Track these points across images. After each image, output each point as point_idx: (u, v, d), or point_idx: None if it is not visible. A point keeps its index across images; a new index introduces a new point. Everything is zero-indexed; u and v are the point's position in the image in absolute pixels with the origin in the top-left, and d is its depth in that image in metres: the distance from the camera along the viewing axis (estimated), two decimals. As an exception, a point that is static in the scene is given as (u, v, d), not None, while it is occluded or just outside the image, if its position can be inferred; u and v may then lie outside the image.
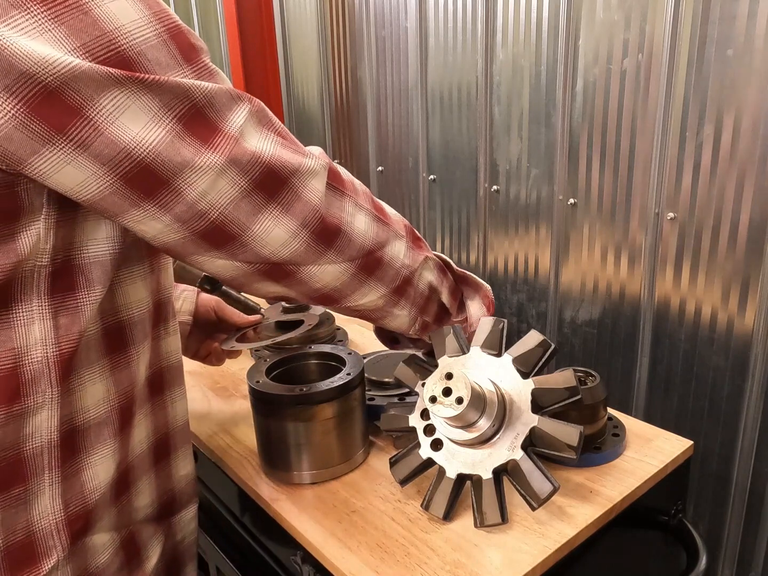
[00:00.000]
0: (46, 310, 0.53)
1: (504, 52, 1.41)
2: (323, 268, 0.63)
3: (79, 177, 0.48)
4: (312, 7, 1.88)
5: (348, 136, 1.90)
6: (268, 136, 0.56)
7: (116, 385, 0.61)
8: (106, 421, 0.60)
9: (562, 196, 1.39)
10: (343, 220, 0.62)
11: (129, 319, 0.61)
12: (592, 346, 1.43)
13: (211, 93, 0.51)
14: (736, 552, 1.34)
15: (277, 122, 0.58)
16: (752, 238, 1.13)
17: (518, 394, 0.73)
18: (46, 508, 0.56)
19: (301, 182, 0.57)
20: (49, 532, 0.57)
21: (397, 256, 0.69)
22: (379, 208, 0.69)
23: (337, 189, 0.62)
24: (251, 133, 0.54)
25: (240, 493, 0.86)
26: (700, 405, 1.27)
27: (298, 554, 0.76)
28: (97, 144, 0.47)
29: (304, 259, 0.61)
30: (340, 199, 0.62)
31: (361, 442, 0.85)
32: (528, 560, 0.68)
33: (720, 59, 1.09)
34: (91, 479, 0.59)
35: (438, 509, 0.74)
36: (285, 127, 0.60)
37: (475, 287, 0.83)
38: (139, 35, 0.48)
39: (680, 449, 0.85)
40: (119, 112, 0.47)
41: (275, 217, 0.57)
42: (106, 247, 0.56)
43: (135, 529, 0.67)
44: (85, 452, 0.59)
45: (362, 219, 0.65)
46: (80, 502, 0.58)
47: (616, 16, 1.21)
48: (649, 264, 1.29)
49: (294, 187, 0.57)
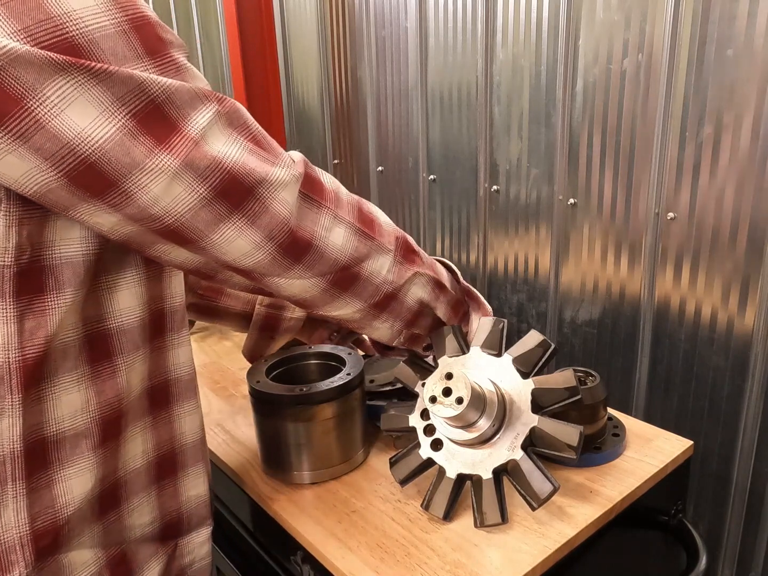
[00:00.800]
0: (10, 312, 0.50)
1: (504, 52, 1.41)
2: (290, 282, 0.60)
3: (21, 168, 0.45)
4: (312, 7, 1.88)
5: (348, 136, 1.90)
6: (237, 140, 0.52)
7: (98, 396, 0.57)
8: (84, 432, 0.56)
9: (562, 196, 1.39)
10: (316, 234, 0.59)
11: (117, 328, 0.57)
12: (592, 346, 1.43)
13: (171, 89, 0.47)
14: (736, 552, 1.34)
15: (253, 125, 0.55)
16: (752, 238, 1.13)
17: (518, 394, 0.73)
18: (9, 521, 0.53)
19: (269, 193, 0.53)
20: (11, 546, 0.53)
21: (378, 271, 0.65)
22: (365, 220, 0.64)
23: (314, 200, 0.59)
24: (216, 136, 0.50)
25: (240, 493, 0.86)
26: (700, 405, 1.27)
27: (298, 554, 0.76)
28: (38, 137, 0.44)
29: (269, 270, 0.58)
30: (315, 211, 0.59)
31: (361, 442, 0.85)
32: (528, 560, 0.68)
33: (720, 59, 1.09)
34: (63, 494, 0.56)
35: (438, 509, 0.74)
36: (262, 132, 0.56)
37: (478, 303, 0.81)
38: (93, 22, 0.44)
39: (680, 449, 0.85)
40: (65, 104, 0.44)
41: (239, 228, 0.53)
42: (79, 248, 0.52)
43: (128, 548, 0.64)
44: (58, 465, 0.55)
45: (340, 233, 0.61)
46: (50, 517, 0.55)
47: (616, 16, 1.21)
48: (649, 264, 1.29)
49: (261, 197, 0.53)
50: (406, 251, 0.69)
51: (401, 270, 0.68)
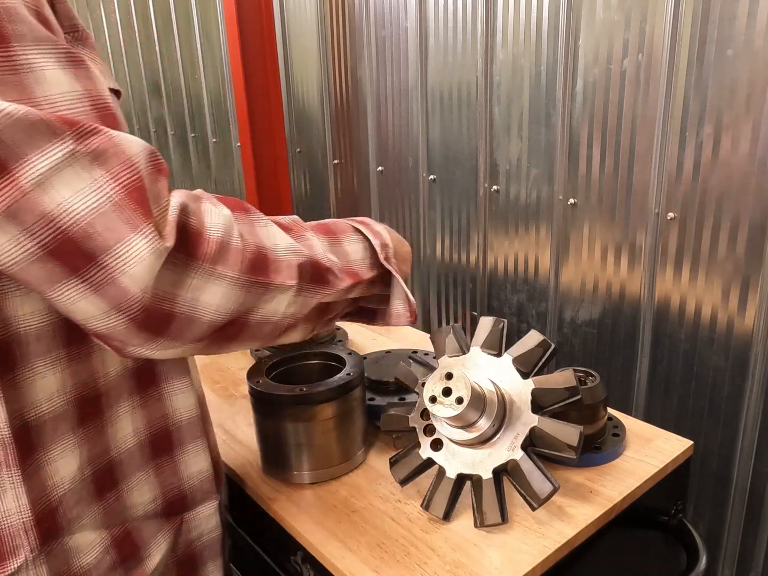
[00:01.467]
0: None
1: (504, 52, 1.41)
2: (155, 353, 0.51)
3: None
4: (312, 7, 1.88)
5: (348, 136, 1.90)
6: (100, 189, 0.43)
7: (73, 377, 0.57)
8: (63, 414, 0.57)
9: (562, 196, 1.39)
10: (181, 300, 0.49)
11: None
12: (592, 346, 1.43)
13: (7, 119, 0.39)
14: (736, 552, 1.34)
15: (138, 169, 0.44)
16: (752, 238, 1.13)
17: (518, 394, 0.73)
18: (10, 508, 0.54)
19: (118, 266, 0.44)
20: (16, 531, 0.55)
21: (273, 312, 0.57)
22: (257, 265, 0.53)
23: (184, 261, 0.48)
24: (65, 182, 0.42)
25: (240, 493, 0.86)
26: (700, 405, 1.27)
27: (298, 554, 0.76)
28: None
29: (124, 340, 0.49)
30: (183, 273, 0.48)
31: (361, 442, 0.85)
32: (528, 560, 0.68)
33: (720, 59, 1.09)
34: (51, 476, 0.57)
35: (438, 509, 0.74)
36: (154, 179, 0.46)
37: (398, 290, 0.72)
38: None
39: (680, 449, 0.85)
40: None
41: (81, 292, 0.45)
42: None
43: (132, 526, 0.65)
44: (43, 449, 0.56)
45: (216, 291, 0.51)
46: (45, 500, 0.56)
47: (616, 16, 1.21)
48: (649, 264, 1.29)
49: (107, 268, 0.44)
50: (313, 276, 0.60)
51: (306, 299, 0.59)
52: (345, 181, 1.95)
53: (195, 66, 2.40)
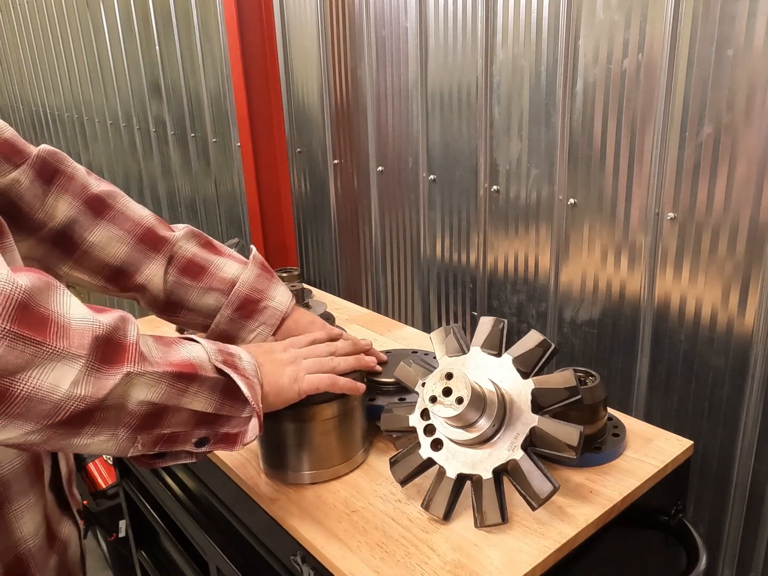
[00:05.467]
0: None
1: (504, 52, 1.41)
2: None
3: None
4: (312, 7, 1.88)
5: (348, 136, 1.90)
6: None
7: None
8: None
9: (562, 196, 1.39)
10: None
11: None
12: (592, 346, 1.43)
13: None
14: (736, 552, 1.34)
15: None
16: (752, 238, 1.13)
17: (518, 394, 0.73)
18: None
19: None
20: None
21: (53, 386, 0.49)
22: (34, 320, 0.48)
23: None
24: None
25: (240, 493, 0.86)
26: (700, 405, 1.27)
27: (298, 554, 0.76)
28: None
29: None
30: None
31: (361, 442, 0.85)
32: (528, 560, 0.68)
33: (720, 59, 1.09)
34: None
35: (438, 509, 0.74)
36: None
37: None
38: None
39: (680, 449, 0.85)
40: None
41: None
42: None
43: None
44: None
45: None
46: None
47: (616, 16, 1.21)
48: (649, 264, 1.29)
49: None
50: (110, 351, 0.52)
51: (100, 379, 0.52)
52: (345, 181, 1.95)
53: (195, 66, 2.40)
